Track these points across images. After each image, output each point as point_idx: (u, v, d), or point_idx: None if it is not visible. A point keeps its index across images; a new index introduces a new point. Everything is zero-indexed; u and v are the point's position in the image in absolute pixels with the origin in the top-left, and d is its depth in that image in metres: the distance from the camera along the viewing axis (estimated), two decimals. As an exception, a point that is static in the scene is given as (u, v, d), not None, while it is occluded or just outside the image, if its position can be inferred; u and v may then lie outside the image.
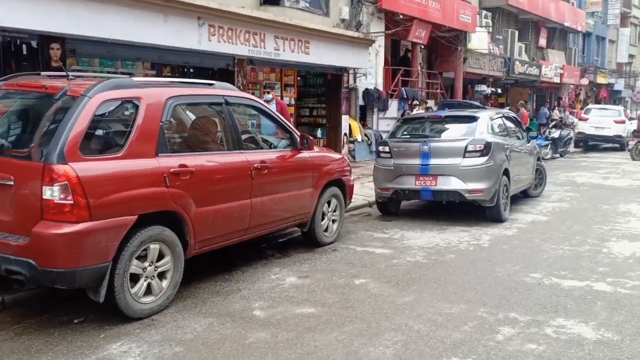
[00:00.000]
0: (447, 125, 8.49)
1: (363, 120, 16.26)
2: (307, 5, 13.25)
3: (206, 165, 4.71)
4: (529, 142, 9.80)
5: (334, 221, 6.68)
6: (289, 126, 5.99)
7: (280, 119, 5.96)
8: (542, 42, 28.55)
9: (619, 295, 4.91)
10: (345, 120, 14.91)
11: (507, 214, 8.18)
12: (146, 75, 10.00)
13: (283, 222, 5.84)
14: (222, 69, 11.41)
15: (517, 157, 8.92)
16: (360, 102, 15.81)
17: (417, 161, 7.93)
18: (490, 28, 22.96)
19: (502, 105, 25.43)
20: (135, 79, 4.53)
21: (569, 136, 18.89)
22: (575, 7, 31.00)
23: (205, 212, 4.63)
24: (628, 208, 9.21)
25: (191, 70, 11.82)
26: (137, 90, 4.30)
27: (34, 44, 7.96)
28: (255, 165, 5.19)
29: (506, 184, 8.19)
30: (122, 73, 9.72)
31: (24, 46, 7.84)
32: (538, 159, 10.34)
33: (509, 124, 9.34)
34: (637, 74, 44.47)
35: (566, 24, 28.00)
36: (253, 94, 12.73)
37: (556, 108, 29.23)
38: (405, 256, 6.14)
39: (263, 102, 5.80)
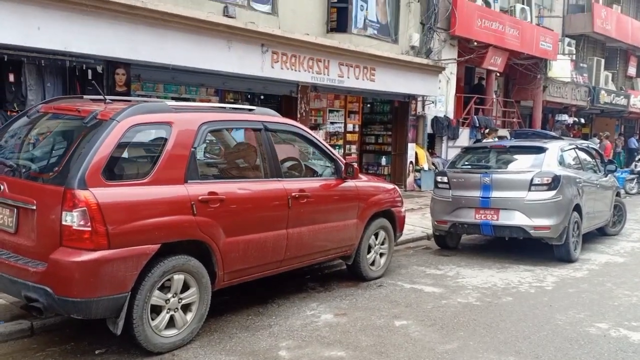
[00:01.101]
0: (512, 156, 7.95)
1: (431, 148, 15.79)
2: (375, 32, 13.08)
3: (238, 193, 4.54)
4: (606, 176, 9.03)
5: (381, 254, 6.33)
6: (334, 154, 5.75)
7: (325, 146, 5.74)
8: (632, 71, 26.87)
9: (700, 357, 4.25)
10: (412, 149, 14.51)
11: (577, 253, 7.49)
12: (209, 101, 10.14)
13: (324, 255, 5.57)
14: (286, 95, 11.42)
15: (592, 191, 8.21)
16: (429, 130, 15.36)
17: (477, 193, 7.44)
18: (574, 56, 21.85)
19: (585, 136, 24.10)
20: (169, 103, 4.45)
21: (659, 170, 17.43)
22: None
23: (236, 242, 4.45)
24: None
25: (261, 97, 12.00)
26: (169, 115, 4.22)
27: (99, 69, 8.22)
28: (294, 194, 4.98)
29: (577, 220, 7.51)
30: (185, 99, 9.94)
31: (90, 71, 8.11)
32: (617, 194, 9.51)
33: (584, 156, 8.65)
34: None
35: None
36: (315, 120, 12.81)
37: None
38: (456, 296, 5.69)
39: (306, 129, 5.59)
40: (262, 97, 12.18)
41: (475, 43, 15.92)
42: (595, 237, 8.97)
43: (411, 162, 14.51)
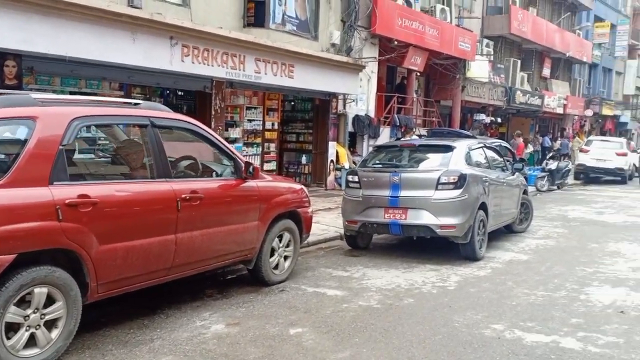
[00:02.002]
0: (422, 155, 7.95)
1: (352, 147, 15.76)
2: (295, 28, 12.84)
3: (116, 195, 4.17)
4: (514, 175, 9.22)
5: (285, 257, 6.10)
6: (233, 152, 5.46)
7: (223, 144, 5.44)
8: (546, 72, 28.09)
9: (588, 356, 4.28)
10: (333, 147, 14.41)
11: (482, 251, 7.56)
12: (112, 96, 9.57)
13: (220, 260, 5.28)
14: (200, 91, 11.00)
15: (499, 190, 8.35)
16: (350, 128, 15.31)
17: (386, 192, 7.37)
18: (492, 57, 22.54)
19: (502, 135, 24.94)
20: (35, 95, 4.02)
21: (566, 168, 18.24)
22: (582, 38, 30.58)
23: (113, 250, 4.08)
24: (618, 247, 8.55)
25: (179, 93, 11.50)
26: (33, 109, 3.80)
27: (-15, 60, 7.56)
28: (184, 195, 4.65)
29: (483, 219, 7.59)
30: (86, 94, 9.33)
31: (-26, 63, 7.43)
32: (525, 193, 9.75)
33: (492, 155, 8.79)
34: (645, 106, 43.86)
35: (569, 54, 27.45)
36: (232, 117, 12.44)
37: (559, 139, 28.67)
38: (358, 299, 5.54)
39: (201, 125, 5.25)
40: (179, 93, 11.72)
41: (396, 42, 16.02)
42: (503, 234, 9.14)
43: (332, 161, 14.42)
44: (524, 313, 5.26)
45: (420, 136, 14.75)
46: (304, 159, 14.57)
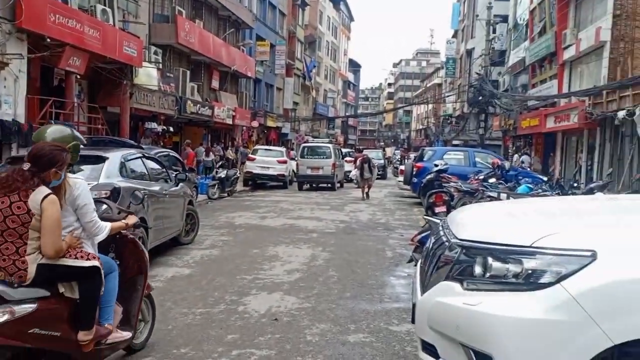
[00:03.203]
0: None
1: (-3, 158, 13.36)
2: None
3: None
4: (177, 185, 8.88)
5: None
6: None
7: None
8: (215, 84, 29.13)
9: (240, 376, 4.06)
10: (-33, 158, 11.93)
11: (143, 271, 6.95)
12: None
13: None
14: None
15: (161, 202, 7.88)
16: (-5, 135, 12.95)
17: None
18: (160, 65, 22.17)
19: (176, 144, 24.75)
20: None
21: (235, 175, 19.09)
22: (246, 54, 32.77)
23: None
24: (276, 251, 8.97)
25: None
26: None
27: None
28: None
29: (142, 236, 6.97)
30: None
31: None
32: (190, 203, 9.51)
33: (153, 165, 8.26)
34: (300, 119, 49.75)
35: (234, 68, 28.99)
36: None
37: (229, 148, 30.11)
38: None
39: None
40: None
41: (49, 40, 14.24)
42: (169, 248, 8.72)
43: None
44: (179, 337, 4.83)
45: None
46: None
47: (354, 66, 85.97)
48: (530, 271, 2.59)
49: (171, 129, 24.21)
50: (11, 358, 3.37)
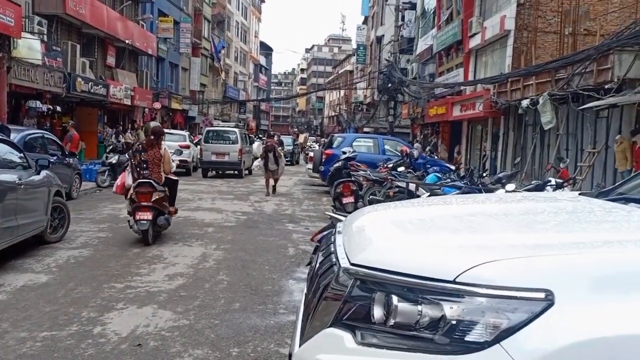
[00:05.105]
0: None
1: None
2: None
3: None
4: (39, 174, 7.48)
5: None
6: None
7: None
8: (111, 60, 26.88)
9: None
10: None
11: (-17, 280, 5.64)
12: None
13: None
14: None
15: (13, 194, 6.49)
16: None
17: None
18: (45, 37, 19.90)
19: (64, 128, 22.44)
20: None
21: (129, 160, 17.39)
22: (146, 30, 30.57)
23: None
24: (160, 250, 7.79)
25: None
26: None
27: None
28: None
29: (-20, 236, 5.65)
30: None
31: None
32: (58, 194, 8.12)
33: (2, 150, 6.82)
34: (209, 102, 47.76)
35: (129, 41, 26.74)
36: None
37: (129, 131, 28.02)
38: None
39: None
40: None
41: None
42: (30, 248, 7.34)
43: None
44: (6, 377, 3.67)
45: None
46: None
47: (266, 49, 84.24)
48: (454, 322, 1.70)
49: (58, 108, 21.89)
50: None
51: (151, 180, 8.04)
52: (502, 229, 2.32)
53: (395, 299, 1.77)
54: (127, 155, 10.83)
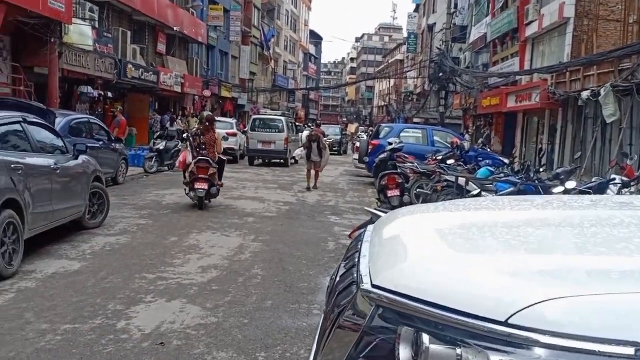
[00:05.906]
0: None
1: None
2: None
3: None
4: (77, 159, 7.37)
5: None
6: None
7: None
8: (161, 47, 27.07)
9: None
10: None
11: (15, 266, 5.53)
12: None
13: None
14: None
15: (47, 179, 6.38)
16: None
17: None
18: (96, 23, 20.14)
19: (114, 113, 22.74)
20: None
21: (176, 147, 17.39)
22: (196, 17, 30.66)
23: None
24: (197, 240, 7.59)
25: None
26: None
27: None
28: None
29: (13, 221, 5.53)
30: None
31: None
32: (97, 179, 8.02)
33: (40, 134, 6.72)
34: (258, 90, 47.82)
35: (177, 29, 26.72)
36: None
37: (179, 117, 28.24)
38: None
39: None
40: None
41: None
42: (68, 233, 7.27)
43: None
44: (19, 373, 3.47)
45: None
46: None
47: (315, 38, 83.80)
48: None
49: (110, 94, 22.20)
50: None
51: (208, 158, 9.99)
52: (570, 248, 1.75)
53: (426, 338, 1.32)
54: (186, 137, 11.32)
